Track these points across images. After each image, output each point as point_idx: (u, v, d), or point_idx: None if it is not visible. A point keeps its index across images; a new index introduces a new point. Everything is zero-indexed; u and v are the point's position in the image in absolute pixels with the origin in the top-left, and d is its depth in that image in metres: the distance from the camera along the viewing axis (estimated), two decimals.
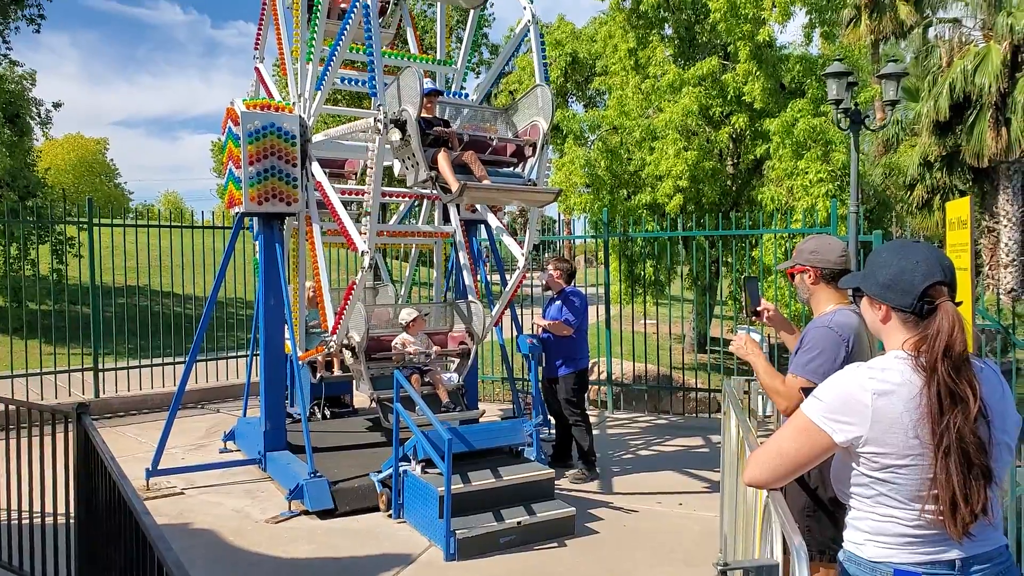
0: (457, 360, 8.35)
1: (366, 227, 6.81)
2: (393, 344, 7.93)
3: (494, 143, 7.30)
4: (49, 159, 47.76)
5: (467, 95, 8.90)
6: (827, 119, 13.67)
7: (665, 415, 11.34)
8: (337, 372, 9.21)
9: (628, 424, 10.90)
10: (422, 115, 6.80)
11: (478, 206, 8.65)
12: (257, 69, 9.21)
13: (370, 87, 6.68)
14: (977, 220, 26.43)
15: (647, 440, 9.98)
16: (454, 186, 6.48)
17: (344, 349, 7.55)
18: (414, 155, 6.58)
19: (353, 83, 8.64)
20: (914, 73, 27.10)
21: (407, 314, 8.00)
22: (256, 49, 9.26)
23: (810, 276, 3.90)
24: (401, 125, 6.52)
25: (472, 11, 8.53)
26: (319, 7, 7.44)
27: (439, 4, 9.19)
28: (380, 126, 6.50)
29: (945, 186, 26.89)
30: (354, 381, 8.49)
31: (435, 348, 8.08)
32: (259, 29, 9.20)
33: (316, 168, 7.77)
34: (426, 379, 7.79)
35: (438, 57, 8.92)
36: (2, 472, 5.47)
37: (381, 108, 6.52)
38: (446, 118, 7.70)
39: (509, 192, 7.08)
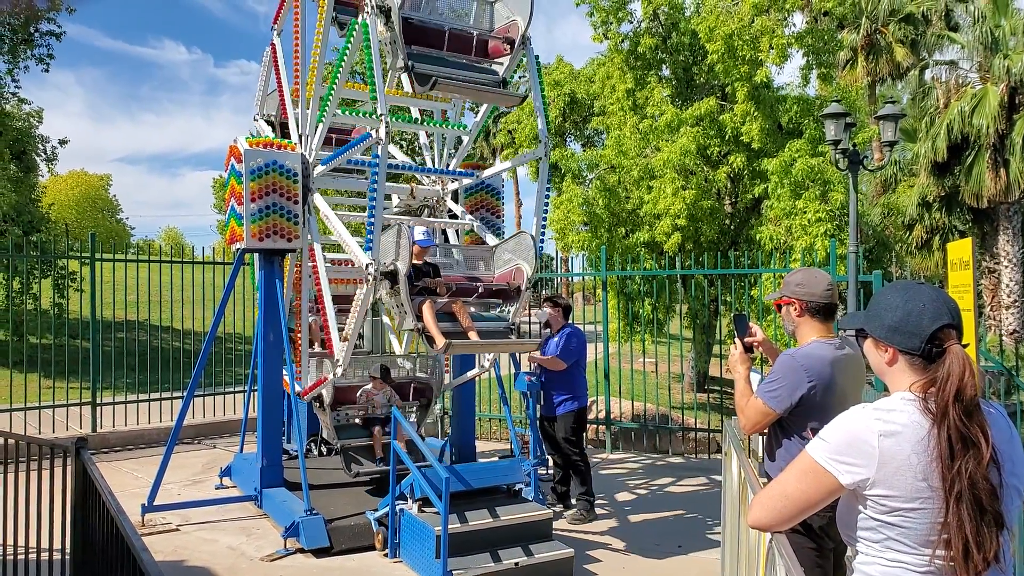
0: (417, 410, 8.74)
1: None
2: (358, 396, 8.18)
3: (480, 290, 7.56)
4: (53, 195, 47.77)
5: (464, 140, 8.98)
6: (825, 159, 13.75)
7: (664, 455, 11.28)
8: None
9: (627, 464, 10.84)
10: (412, 263, 7.02)
11: None
12: (273, 45, 8.65)
13: (367, 238, 6.85)
14: (978, 261, 26.41)
15: (646, 480, 9.91)
16: (439, 341, 6.66)
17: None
18: (403, 305, 6.80)
19: (357, 163, 8.36)
20: (911, 114, 27.27)
21: (378, 369, 8.27)
22: (275, 23, 8.70)
23: (795, 308, 3.93)
24: (391, 276, 6.70)
25: None
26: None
27: (484, 104, 8.45)
28: (370, 278, 6.73)
29: (944, 226, 26.95)
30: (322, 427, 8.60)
31: (396, 399, 8.28)
32: (279, 9, 8.58)
33: (319, 200, 7.85)
34: (387, 429, 7.88)
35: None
36: None
37: (372, 263, 6.73)
38: (435, 263, 7.74)
39: (492, 346, 7.49)
